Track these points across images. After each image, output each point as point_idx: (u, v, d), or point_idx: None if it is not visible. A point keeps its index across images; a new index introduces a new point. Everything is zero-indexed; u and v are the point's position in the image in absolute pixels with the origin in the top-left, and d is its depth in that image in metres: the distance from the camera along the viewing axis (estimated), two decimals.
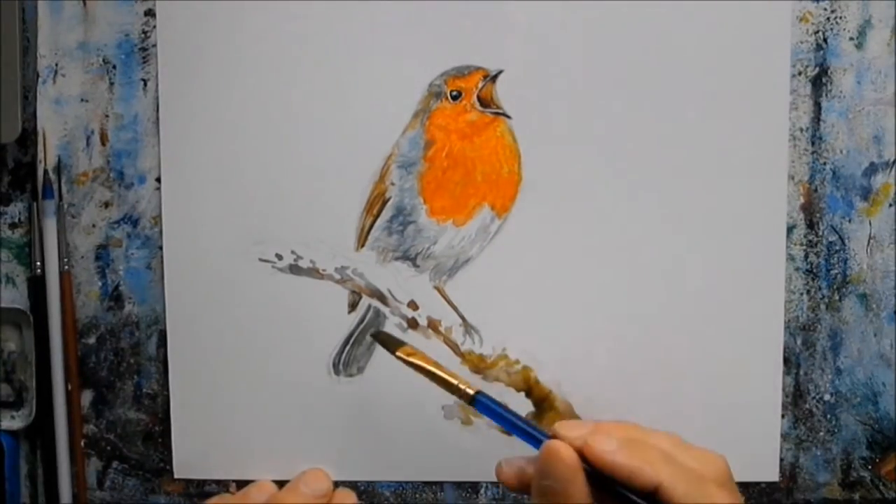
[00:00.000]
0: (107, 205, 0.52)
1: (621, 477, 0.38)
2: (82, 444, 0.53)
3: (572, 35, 0.50)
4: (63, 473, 0.52)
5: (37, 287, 0.52)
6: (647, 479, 0.38)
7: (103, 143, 0.52)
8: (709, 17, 0.49)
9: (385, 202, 0.51)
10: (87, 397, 0.53)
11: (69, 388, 0.52)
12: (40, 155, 0.52)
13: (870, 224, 0.51)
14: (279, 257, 0.51)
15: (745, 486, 0.51)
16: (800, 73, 0.50)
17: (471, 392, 0.44)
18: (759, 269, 0.51)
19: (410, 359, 0.46)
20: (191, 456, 0.53)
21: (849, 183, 0.51)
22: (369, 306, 0.52)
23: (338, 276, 0.51)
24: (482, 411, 0.44)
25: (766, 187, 0.50)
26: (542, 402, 0.52)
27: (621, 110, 0.50)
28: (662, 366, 0.51)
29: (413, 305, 0.52)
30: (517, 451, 0.51)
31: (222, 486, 0.53)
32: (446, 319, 0.51)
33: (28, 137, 0.52)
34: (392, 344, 0.47)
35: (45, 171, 0.51)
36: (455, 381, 0.44)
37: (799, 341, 0.51)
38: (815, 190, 0.51)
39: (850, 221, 0.51)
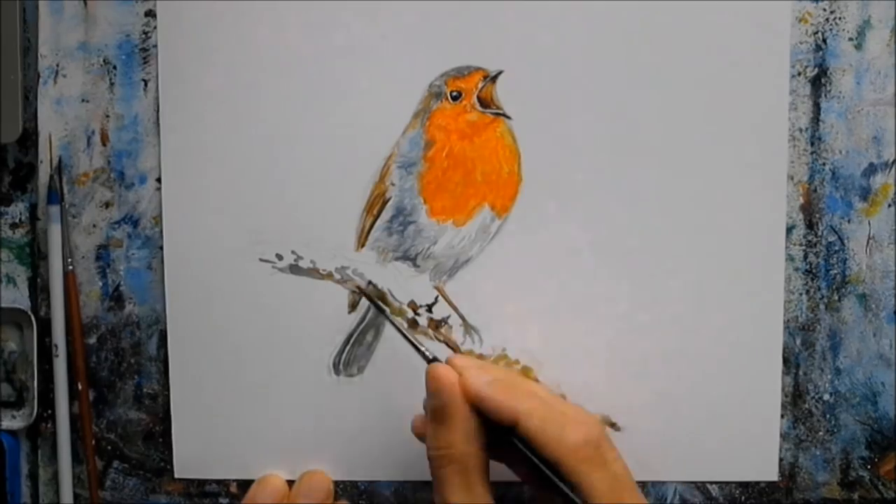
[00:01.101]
0: (107, 205, 0.52)
1: (487, 408, 0.43)
2: (93, 443, 0.53)
3: (572, 35, 0.50)
4: (65, 473, 0.52)
5: (41, 288, 0.52)
6: (507, 410, 0.42)
7: (104, 144, 0.52)
8: (708, 18, 0.49)
9: (385, 202, 0.51)
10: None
11: (79, 387, 0.52)
12: (42, 156, 0.52)
13: (869, 224, 0.51)
14: (279, 257, 0.51)
15: (744, 486, 0.52)
16: (799, 74, 0.50)
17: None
18: (759, 270, 0.50)
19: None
20: (191, 456, 0.52)
21: (848, 183, 0.51)
22: (369, 306, 0.51)
23: (338, 276, 0.51)
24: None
25: (766, 187, 0.50)
26: None
27: (621, 110, 0.50)
28: (661, 365, 0.51)
29: (413, 305, 0.51)
30: None
31: (223, 485, 0.53)
32: (446, 319, 0.51)
33: (28, 138, 0.52)
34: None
35: (52, 177, 0.51)
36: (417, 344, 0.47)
37: (798, 341, 0.51)
38: (815, 190, 0.51)
39: (849, 222, 0.51)
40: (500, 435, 0.43)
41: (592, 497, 0.41)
